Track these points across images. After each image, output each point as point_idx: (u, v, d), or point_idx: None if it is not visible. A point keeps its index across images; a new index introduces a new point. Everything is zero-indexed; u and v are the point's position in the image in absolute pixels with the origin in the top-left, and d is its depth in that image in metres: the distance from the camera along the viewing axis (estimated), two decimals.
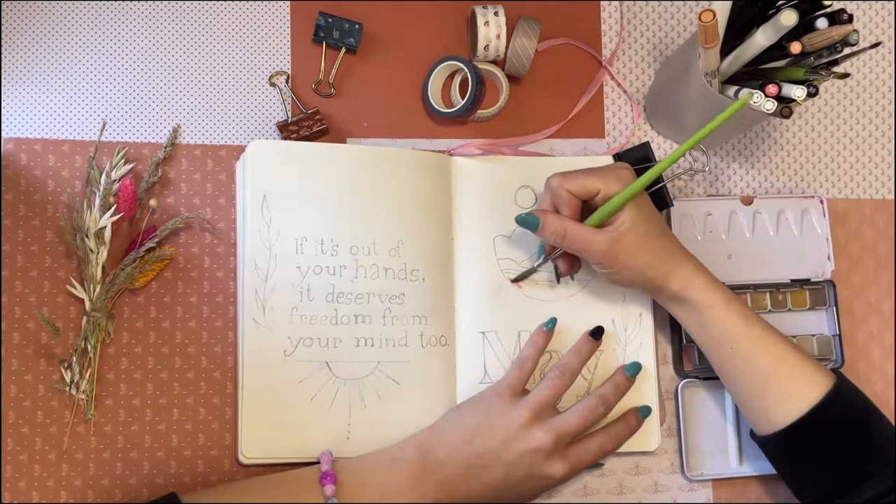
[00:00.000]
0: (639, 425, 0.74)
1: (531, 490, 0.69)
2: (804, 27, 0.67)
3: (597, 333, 0.75)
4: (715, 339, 0.70)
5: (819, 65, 0.69)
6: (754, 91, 0.68)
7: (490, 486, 0.68)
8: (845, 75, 0.68)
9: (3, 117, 0.75)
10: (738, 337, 0.69)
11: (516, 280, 0.76)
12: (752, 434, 0.73)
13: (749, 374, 0.69)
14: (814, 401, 0.67)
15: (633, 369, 0.74)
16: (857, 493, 0.66)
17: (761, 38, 0.67)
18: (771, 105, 0.68)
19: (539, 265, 0.75)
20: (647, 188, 0.75)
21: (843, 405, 0.68)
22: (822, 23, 0.66)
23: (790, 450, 0.69)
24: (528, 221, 0.70)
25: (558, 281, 0.77)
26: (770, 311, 0.80)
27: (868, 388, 0.80)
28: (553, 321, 0.75)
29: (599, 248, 0.69)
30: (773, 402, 0.69)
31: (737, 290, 0.79)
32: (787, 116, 0.68)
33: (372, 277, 0.74)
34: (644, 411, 0.74)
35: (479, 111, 0.79)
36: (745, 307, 0.71)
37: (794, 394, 0.68)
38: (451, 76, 0.80)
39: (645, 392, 0.76)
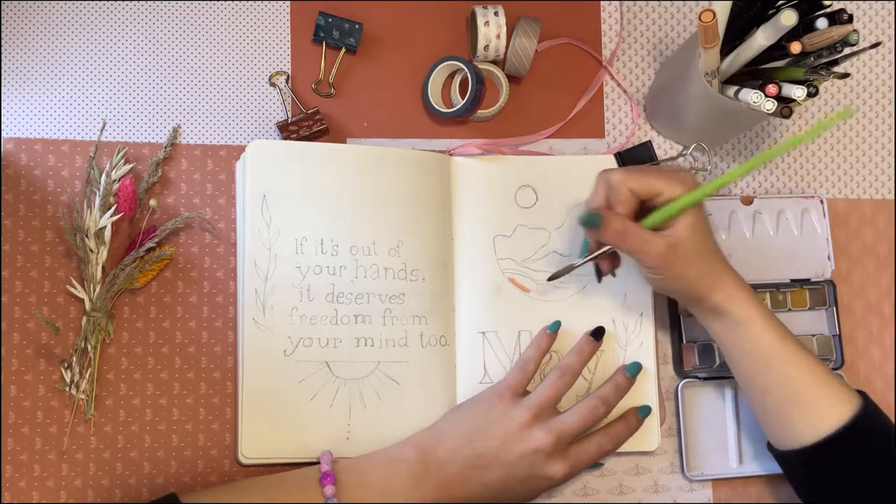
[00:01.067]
0: (639, 425, 0.74)
1: (531, 490, 0.69)
2: (804, 27, 0.67)
3: (598, 334, 0.75)
4: (749, 354, 0.69)
5: (819, 65, 0.69)
6: (852, 110, 0.66)
7: (490, 486, 0.68)
8: (845, 75, 0.68)
9: (3, 117, 0.75)
10: (772, 353, 0.68)
11: (553, 277, 0.75)
12: (770, 447, 0.73)
13: (779, 389, 0.68)
14: (842, 420, 0.66)
15: (634, 369, 0.74)
16: None
17: (761, 38, 0.67)
18: (771, 105, 0.68)
19: (581, 264, 0.73)
20: None
21: (870, 425, 0.67)
22: (822, 23, 0.66)
23: (813, 467, 0.68)
24: (590, 220, 0.68)
25: (599, 280, 0.76)
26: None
27: (868, 388, 0.80)
28: (557, 324, 0.75)
29: (657, 252, 0.67)
30: (801, 418, 0.68)
31: None
32: (788, 116, 0.68)
33: (372, 277, 0.74)
34: (644, 411, 0.74)
35: (479, 111, 0.79)
36: (781, 323, 0.69)
37: (823, 412, 0.67)
38: (451, 76, 0.80)
39: (645, 392, 0.76)
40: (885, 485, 0.66)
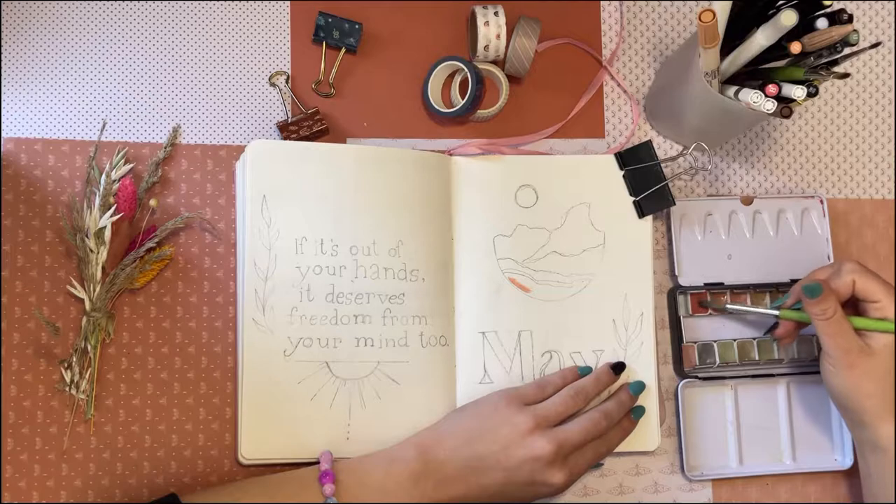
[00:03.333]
0: (632, 427, 0.74)
1: (530, 496, 0.69)
2: (804, 27, 0.67)
3: (617, 368, 0.75)
4: (888, 489, 0.69)
5: (819, 65, 0.69)
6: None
7: (489, 489, 0.68)
8: (845, 75, 0.68)
9: (3, 117, 0.75)
10: None
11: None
12: None
13: None
14: None
15: (637, 388, 0.74)
16: None
17: (761, 39, 0.67)
18: (771, 105, 0.68)
19: (776, 316, 0.74)
20: (649, 189, 0.76)
21: None
22: (822, 23, 0.66)
23: None
24: (812, 288, 0.68)
25: (764, 333, 0.78)
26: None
27: None
28: (588, 369, 0.75)
29: (847, 347, 0.68)
30: None
31: (736, 290, 0.79)
32: (787, 116, 0.68)
33: (372, 277, 0.74)
34: (637, 413, 0.74)
35: (479, 111, 0.79)
36: None
37: None
38: (451, 76, 0.80)
39: (645, 392, 0.76)
40: None
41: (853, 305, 0.71)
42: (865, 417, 0.69)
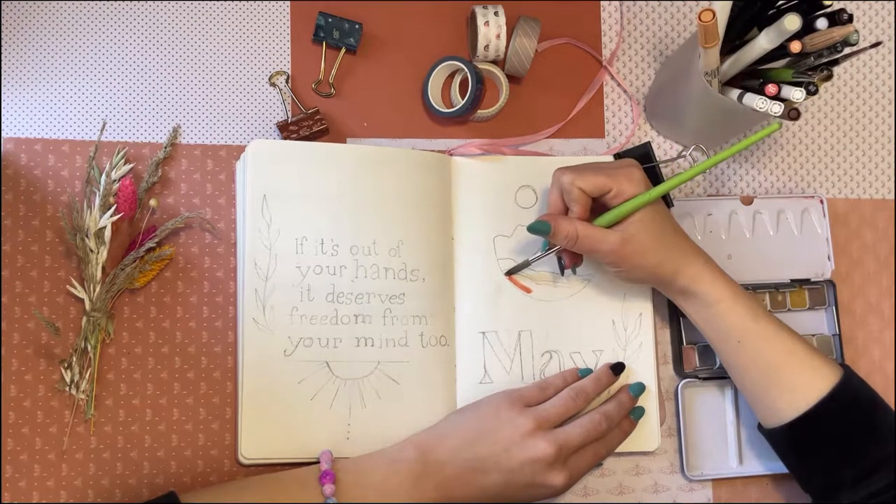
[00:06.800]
0: (632, 428, 0.73)
1: (530, 497, 0.69)
2: (804, 27, 0.67)
3: (617, 368, 0.75)
4: (722, 333, 0.70)
5: (809, 67, 0.69)
6: (781, 120, 0.68)
7: (489, 490, 0.68)
8: (828, 77, 0.69)
9: (3, 117, 0.75)
10: (745, 331, 0.69)
11: (509, 273, 0.76)
12: (760, 427, 0.73)
13: (756, 367, 0.70)
14: (820, 394, 0.67)
15: (637, 389, 0.75)
16: (862, 485, 0.66)
17: (764, 42, 0.67)
18: (778, 108, 0.68)
19: (535, 259, 0.75)
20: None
21: (850, 398, 0.68)
22: (822, 23, 0.66)
23: (797, 442, 0.69)
24: (539, 229, 0.70)
25: (562, 273, 0.76)
26: (769, 311, 0.80)
27: None
28: (588, 371, 0.75)
29: (611, 249, 0.69)
30: (780, 395, 0.69)
31: None
32: (796, 118, 0.69)
33: (372, 277, 0.74)
34: (637, 413, 0.74)
35: (479, 111, 0.79)
36: (753, 301, 0.71)
37: (801, 387, 0.68)
38: (451, 76, 0.80)
39: (645, 392, 0.76)
40: (869, 455, 0.67)
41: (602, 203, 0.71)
42: (666, 279, 0.70)
